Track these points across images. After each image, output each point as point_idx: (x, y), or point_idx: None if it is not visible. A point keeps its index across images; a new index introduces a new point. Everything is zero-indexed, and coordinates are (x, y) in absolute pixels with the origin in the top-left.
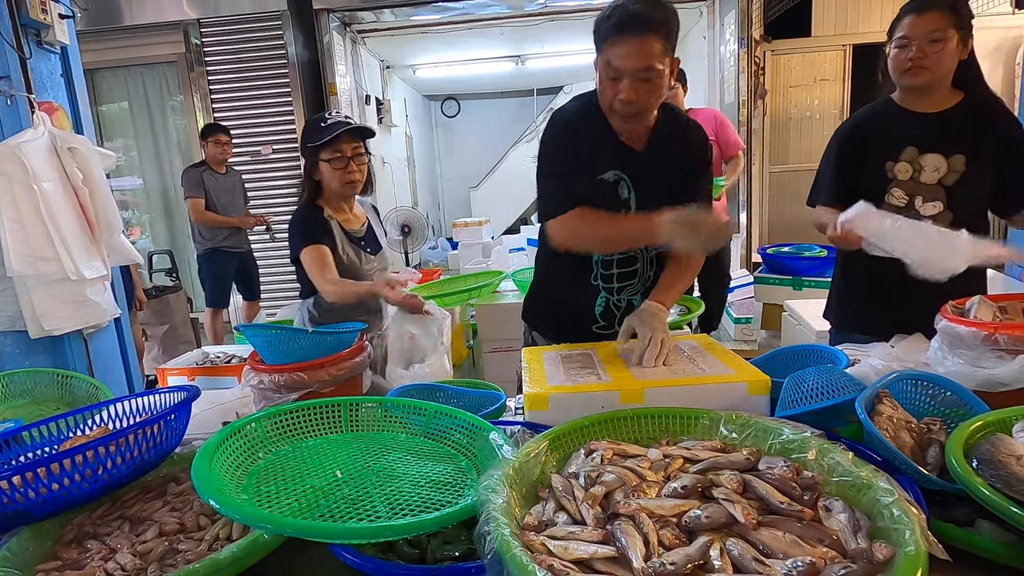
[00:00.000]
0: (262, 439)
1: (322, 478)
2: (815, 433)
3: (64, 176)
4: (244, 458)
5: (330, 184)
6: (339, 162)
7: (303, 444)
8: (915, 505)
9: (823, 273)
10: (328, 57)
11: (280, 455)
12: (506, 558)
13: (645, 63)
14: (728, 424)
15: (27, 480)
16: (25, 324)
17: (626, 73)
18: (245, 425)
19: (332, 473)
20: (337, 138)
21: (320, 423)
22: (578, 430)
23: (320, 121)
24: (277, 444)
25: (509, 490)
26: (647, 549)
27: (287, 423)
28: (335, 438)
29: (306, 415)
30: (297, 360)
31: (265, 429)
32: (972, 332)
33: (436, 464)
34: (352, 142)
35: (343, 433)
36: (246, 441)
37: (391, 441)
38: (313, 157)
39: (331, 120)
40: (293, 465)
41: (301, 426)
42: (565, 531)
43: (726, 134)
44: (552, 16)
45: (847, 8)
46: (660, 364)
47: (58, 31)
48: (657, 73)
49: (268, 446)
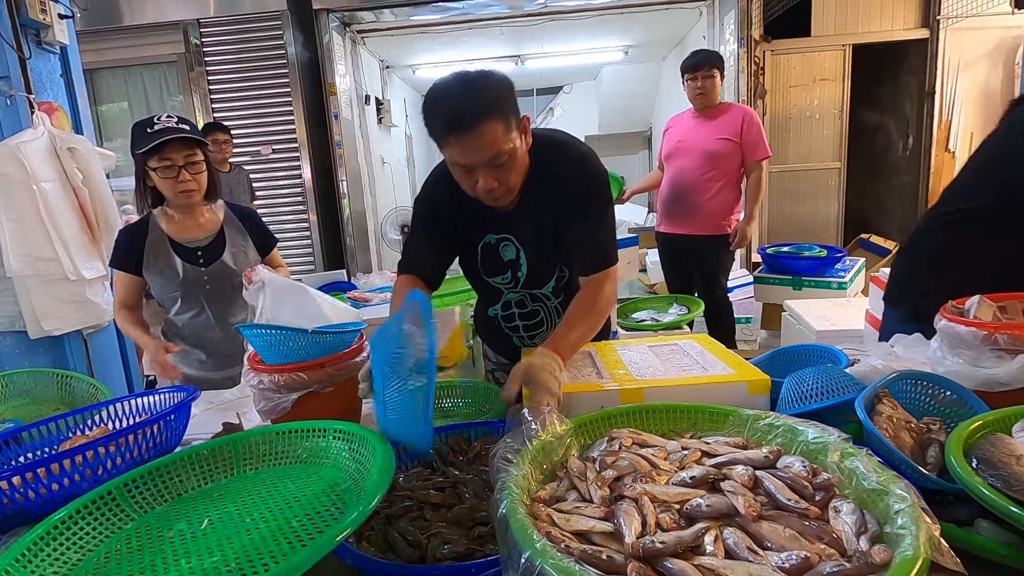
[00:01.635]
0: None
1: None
2: (842, 436)
3: (64, 176)
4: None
5: (164, 192)
6: (168, 171)
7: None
8: (930, 514)
9: (823, 273)
10: (328, 57)
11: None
12: (510, 522)
13: (491, 152)
14: (756, 422)
15: (27, 480)
16: (25, 324)
17: (476, 166)
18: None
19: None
20: (164, 145)
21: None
22: (605, 419)
23: (147, 126)
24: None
25: (529, 466)
26: (643, 529)
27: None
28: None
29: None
30: (297, 360)
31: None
32: (972, 332)
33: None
34: (184, 150)
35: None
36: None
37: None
38: (141, 165)
39: (159, 126)
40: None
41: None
42: (572, 506)
43: (753, 136)
44: (552, 16)
45: (847, 8)
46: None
47: (58, 31)
48: (508, 152)
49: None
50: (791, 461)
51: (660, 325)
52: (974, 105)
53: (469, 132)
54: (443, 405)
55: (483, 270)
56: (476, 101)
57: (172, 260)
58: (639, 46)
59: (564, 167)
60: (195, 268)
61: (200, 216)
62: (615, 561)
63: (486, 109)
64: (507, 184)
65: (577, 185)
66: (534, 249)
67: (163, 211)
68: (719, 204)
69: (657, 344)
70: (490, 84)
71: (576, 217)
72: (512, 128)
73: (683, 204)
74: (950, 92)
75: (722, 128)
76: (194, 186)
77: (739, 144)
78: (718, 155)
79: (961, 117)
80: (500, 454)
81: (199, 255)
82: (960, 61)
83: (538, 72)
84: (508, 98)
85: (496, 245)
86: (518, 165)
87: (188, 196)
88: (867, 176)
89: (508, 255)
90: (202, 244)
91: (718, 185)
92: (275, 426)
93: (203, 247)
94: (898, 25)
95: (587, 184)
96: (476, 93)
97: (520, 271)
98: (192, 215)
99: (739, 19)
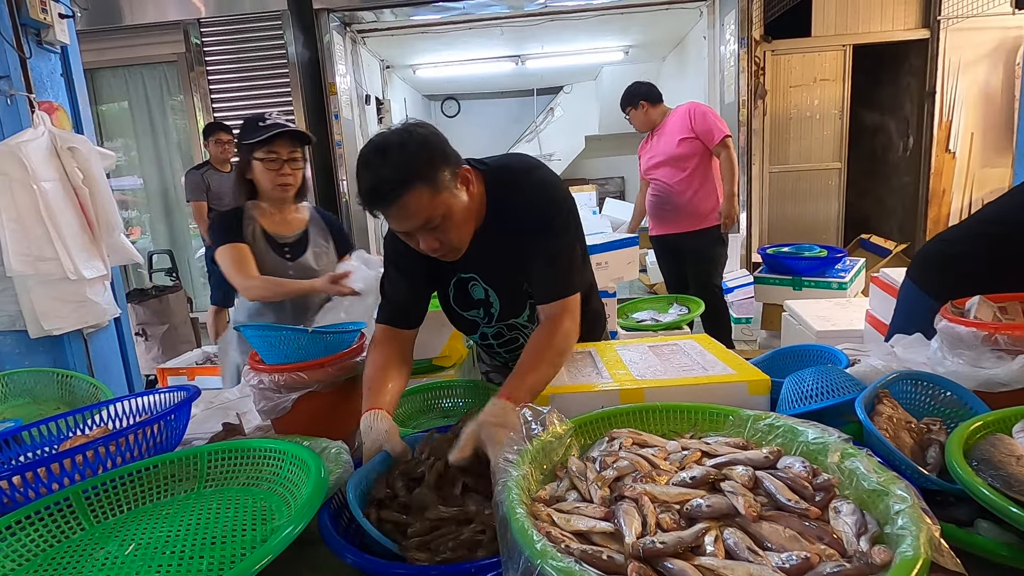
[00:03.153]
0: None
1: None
2: (842, 437)
3: (64, 176)
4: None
5: (262, 184)
6: (273, 163)
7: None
8: (930, 515)
9: (823, 273)
10: (328, 57)
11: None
12: (511, 522)
13: (420, 220)
14: (756, 422)
15: (27, 480)
16: (25, 324)
17: (411, 232)
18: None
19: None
20: (273, 139)
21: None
22: (606, 419)
23: (259, 120)
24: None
25: (529, 466)
26: (643, 529)
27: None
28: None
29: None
30: (297, 360)
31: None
32: (972, 332)
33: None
34: (289, 146)
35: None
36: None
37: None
38: (247, 155)
39: (270, 121)
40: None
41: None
42: (572, 506)
43: (704, 124)
44: (552, 16)
45: (847, 8)
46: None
47: (58, 31)
48: (442, 214)
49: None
50: (791, 461)
51: (660, 325)
52: (974, 105)
53: (392, 206)
54: (443, 405)
55: (456, 306)
56: (394, 174)
57: (266, 251)
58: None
59: (518, 198)
60: (283, 261)
61: (289, 213)
62: (615, 561)
63: (404, 181)
64: (449, 243)
65: (532, 214)
66: (502, 285)
67: (256, 204)
68: (700, 200)
69: (657, 344)
70: (408, 150)
71: (532, 246)
72: (442, 188)
73: (668, 207)
74: (950, 92)
75: (676, 130)
76: (292, 181)
77: (697, 138)
78: (684, 156)
79: (961, 117)
80: (500, 454)
81: (286, 250)
82: (960, 61)
83: (538, 72)
84: (430, 160)
85: (466, 282)
86: (457, 220)
87: (285, 190)
88: (867, 176)
89: (477, 294)
90: (289, 240)
91: (696, 184)
92: (239, 442)
93: (290, 243)
94: (898, 25)
95: (543, 211)
96: (394, 164)
97: (492, 308)
98: (282, 211)
99: (739, 19)
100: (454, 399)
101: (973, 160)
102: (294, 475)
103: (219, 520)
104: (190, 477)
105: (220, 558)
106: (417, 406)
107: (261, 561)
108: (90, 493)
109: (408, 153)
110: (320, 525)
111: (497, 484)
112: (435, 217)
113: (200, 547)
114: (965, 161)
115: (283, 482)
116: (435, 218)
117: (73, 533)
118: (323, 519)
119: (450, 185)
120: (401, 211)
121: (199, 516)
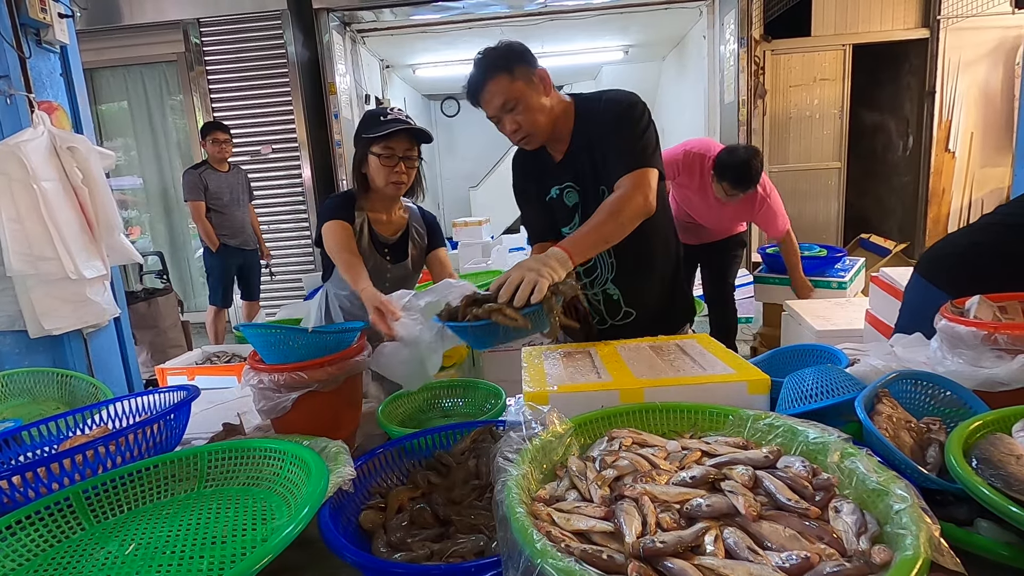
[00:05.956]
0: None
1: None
2: (842, 436)
3: (64, 175)
4: None
5: (376, 180)
6: (389, 159)
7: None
8: (930, 514)
9: (823, 273)
10: (328, 57)
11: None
12: (511, 521)
13: (499, 101)
14: (756, 422)
15: (27, 480)
16: (25, 324)
17: (496, 115)
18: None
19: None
20: (392, 135)
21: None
22: (605, 418)
23: (380, 115)
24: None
25: (529, 466)
26: (643, 528)
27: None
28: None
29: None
30: (297, 360)
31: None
32: (972, 332)
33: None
34: (407, 143)
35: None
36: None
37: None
38: (364, 149)
39: (391, 116)
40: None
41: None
42: (572, 506)
43: (769, 217)
44: (552, 16)
45: (847, 8)
46: (523, 300)
47: (58, 30)
48: (516, 98)
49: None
50: (791, 461)
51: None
52: (974, 105)
53: (481, 93)
54: (443, 405)
55: (560, 217)
56: (482, 69)
57: (370, 248)
58: (639, 46)
59: (603, 106)
60: (384, 262)
61: (394, 212)
62: (615, 561)
63: (488, 70)
64: (527, 125)
65: (614, 113)
66: (592, 186)
67: (366, 197)
68: (730, 223)
69: (657, 344)
70: (497, 51)
71: (614, 136)
72: (518, 78)
73: (696, 227)
74: (950, 92)
75: (738, 213)
76: (404, 178)
77: (753, 221)
78: (733, 225)
79: (961, 117)
80: (500, 453)
81: (386, 251)
82: (960, 61)
83: None
84: (507, 56)
85: (559, 197)
86: (532, 107)
87: (397, 187)
88: (867, 176)
89: (570, 199)
90: (389, 242)
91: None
92: (239, 442)
93: (390, 244)
94: (898, 25)
95: (624, 109)
96: (483, 63)
97: (583, 213)
98: (388, 211)
99: (739, 19)
100: (454, 399)
101: (973, 160)
102: (294, 475)
103: (219, 520)
104: (190, 477)
105: (220, 558)
106: (417, 406)
107: (261, 561)
108: (90, 493)
109: (498, 52)
110: (320, 525)
111: (497, 483)
112: (511, 100)
113: (200, 547)
114: (965, 161)
115: (283, 482)
116: (510, 100)
117: (73, 533)
118: (323, 519)
119: (525, 77)
120: (484, 95)
121: (199, 516)
